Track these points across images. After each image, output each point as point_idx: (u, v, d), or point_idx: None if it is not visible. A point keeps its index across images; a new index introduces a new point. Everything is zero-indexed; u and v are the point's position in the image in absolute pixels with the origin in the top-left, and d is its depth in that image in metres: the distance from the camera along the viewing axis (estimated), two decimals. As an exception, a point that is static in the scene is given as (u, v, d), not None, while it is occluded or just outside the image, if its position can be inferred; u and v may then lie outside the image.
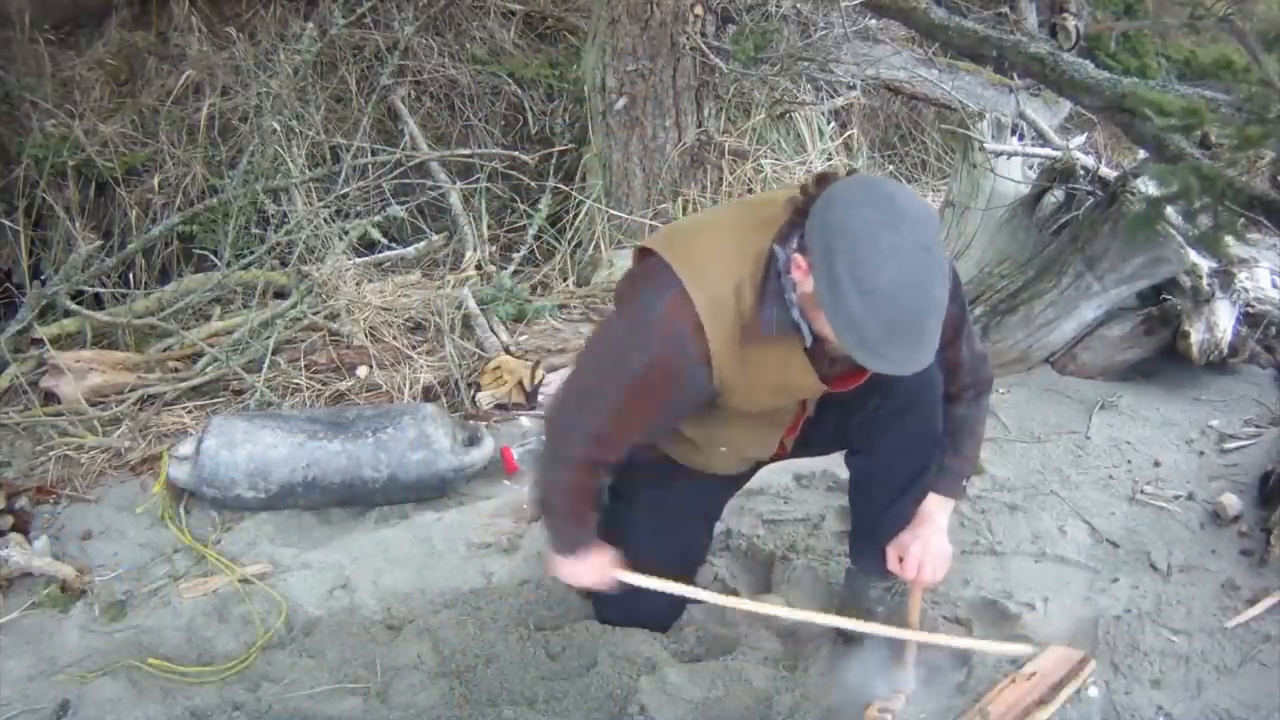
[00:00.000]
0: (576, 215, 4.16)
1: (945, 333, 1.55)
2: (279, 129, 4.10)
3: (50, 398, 3.04)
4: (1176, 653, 2.03)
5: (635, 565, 1.95)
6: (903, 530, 1.94)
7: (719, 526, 2.32)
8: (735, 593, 2.29)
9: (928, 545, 1.90)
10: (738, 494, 2.26)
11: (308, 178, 4.02)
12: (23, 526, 2.48)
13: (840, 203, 1.44)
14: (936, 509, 1.93)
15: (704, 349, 1.60)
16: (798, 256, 1.50)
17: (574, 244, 4.17)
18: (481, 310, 3.56)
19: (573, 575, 1.94)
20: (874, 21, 4.50)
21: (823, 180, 1.54)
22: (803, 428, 1.92)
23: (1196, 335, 3.14)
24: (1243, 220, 2.33)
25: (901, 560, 1.92)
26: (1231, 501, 2.52)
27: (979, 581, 2.29)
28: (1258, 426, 2.94)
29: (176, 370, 3.28)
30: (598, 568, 1.91)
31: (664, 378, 1.64)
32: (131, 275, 3.87)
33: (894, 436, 1.89)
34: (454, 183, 4.26)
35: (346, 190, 3.94)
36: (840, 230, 1.41)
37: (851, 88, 4.74)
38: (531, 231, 4.15)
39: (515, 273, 3.97)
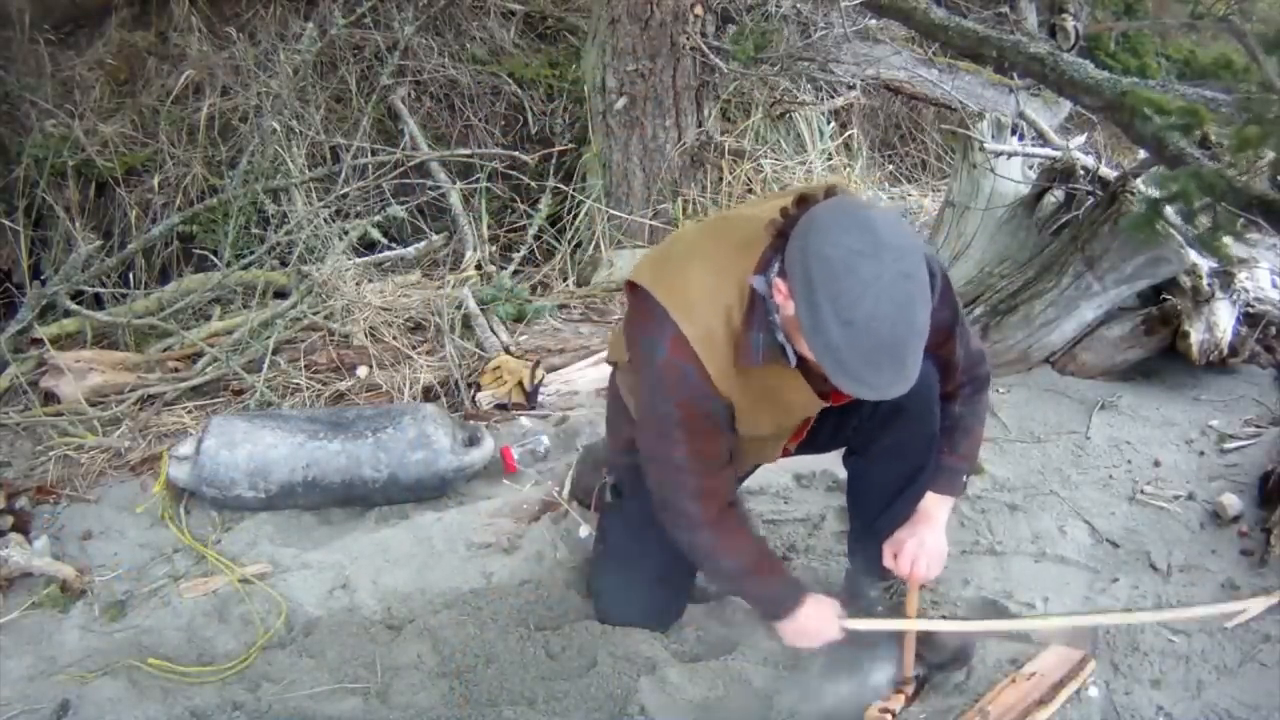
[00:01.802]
0: (576, 215, 4.16)
1: (937, 334, 1.57)
2: (279, 129, 4.10)
3: (50, 398, 3.04)
4: (1176, 653, 2.03)
5: (635, 564, 1.94)
6: (900, 528, 1.94)
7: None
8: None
9: (923, 543, 1.90)
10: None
11: (308, 178, 4.02)
12: (23, 526, 2.48)
13: (820, 229, 1.44)
14: (934, 507, 1.93)
15: (710, 381, 1.64)
16: (778, 281, 1.51)
17: (574, 244, 4.17)
18: (481, 310, 3.56)
19: (801, 636, 1.87)
20: (874, 21, 4.50)
21: (802, 201, 1.54)
22: (805, 432, 1.93)
23: (1196, 335, 3.15)
24: (1242, 220, 2.33)
25: (897, 557, 1.92)
26: (1231, 501, 2.52)
27: (979, 581, 2.29)
28: (1258, 426, 2.95)
29: (176, 370, 3.29)
30: (822, 620, 1.85)
31: (698, 415, 1.68)
32: (131, 275, 3.86)
33: (890, 437, 1.89)
34: (454, 183, 4.26)
35: (346, 190, 3.94)
36: (819, 258, 1.41)
37: (851, 88, 4.75)
38: (531, 231, 4.16)
39: (515, 273, 3.97)
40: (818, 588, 2.26)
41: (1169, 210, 2.60)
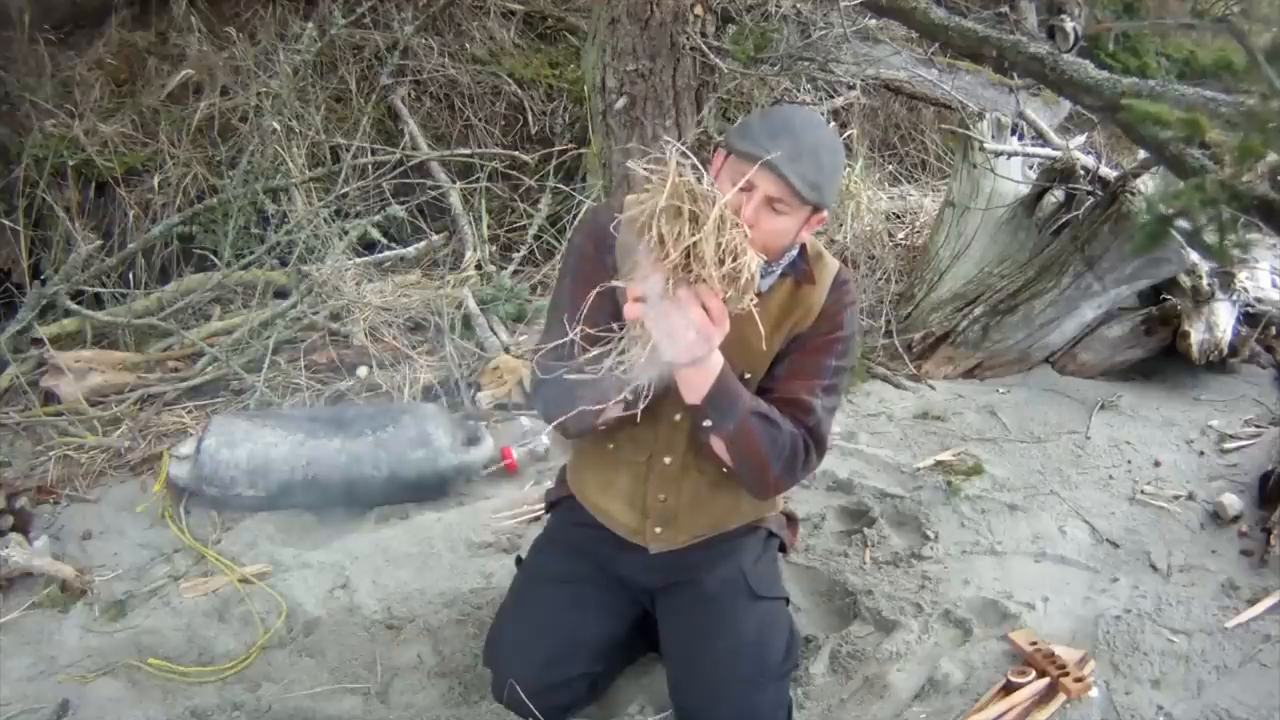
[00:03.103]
0: (576, 215, 4.15)
1: (818, 334, 1.70)
2: (279, 129, 4.09)
3: (50, 398, 3.04)
4: (1176, 653, 2.04)
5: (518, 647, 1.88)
6: None
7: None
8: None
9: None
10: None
11: (308, 178, 4.01)
12: (23, 526, 2.48)
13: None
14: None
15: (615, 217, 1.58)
16: (719, 153, 1.62)
17: (574, 244, 4.16)
18: (481, 310, 3.56)
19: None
20: (874, 21, 4.49)
21: None
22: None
23: (1196, 335, 3.15)
24: (1242, 221, 2.33)
25: None
26: (1231, 501, 2.53)
27: (979, 581, 2.29)
28: (1258, 426, 2.95)
29: (176, 370, 3.28)
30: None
31: (591, 236, 1.70)
32: (131, 275, 3.85)
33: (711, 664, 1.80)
34: (454, 183, 4.26)
35: (346, 190, 3.94)
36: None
37: (851, 88, 4.74)
38: (531, 231, 4.15)
39: (515, 273, 3.97)
40: (818, 587, 2.29)
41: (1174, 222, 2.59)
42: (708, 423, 1.65)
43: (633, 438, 1.78)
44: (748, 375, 1.71)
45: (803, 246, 1.74)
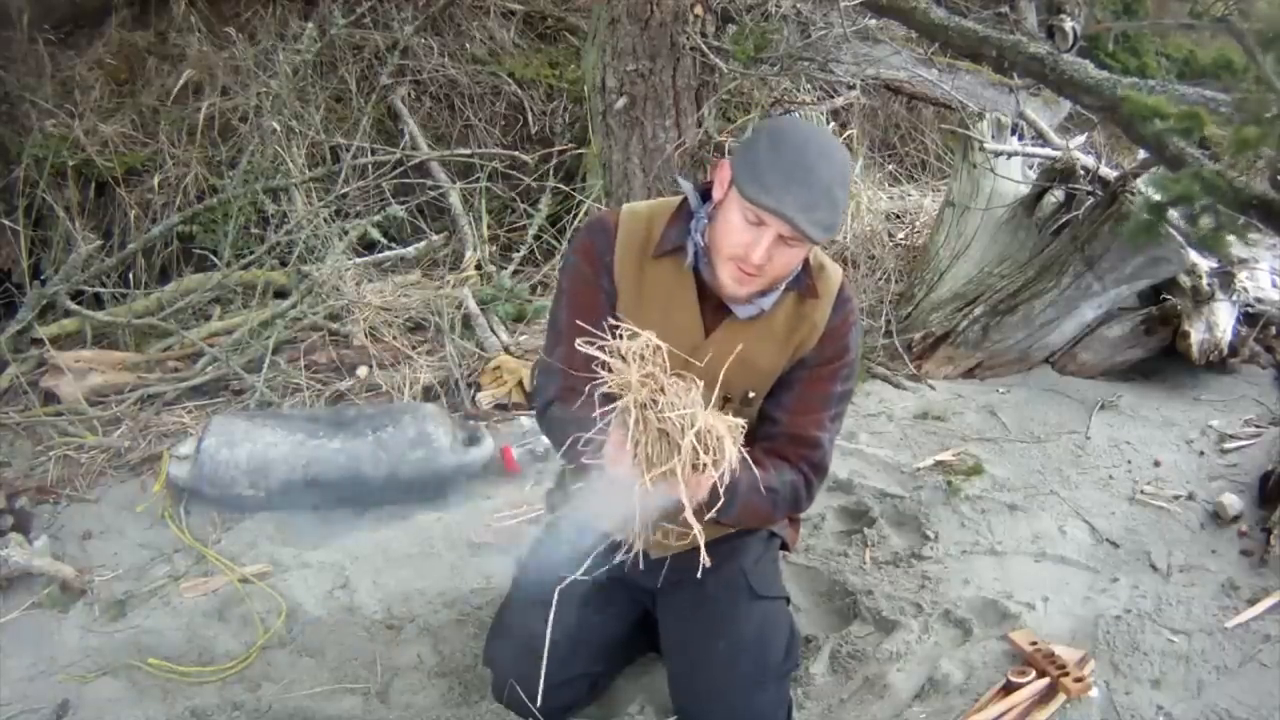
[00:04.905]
0: (576, 215, 4.16)
1: (822, 360, 1.70)
2: (279, 129, 4.09)
3: (50, 398, 3.04)
4: (1176, 653, 2.04)
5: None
6: None
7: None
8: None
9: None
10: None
11: (308, 178, 4.01)
12: (23, 526, 2.48)
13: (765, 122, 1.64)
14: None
15: (613, 235, 1.72)
16: (723, 163, 1.59)
17: (574, 244, 4.15)
18: (481, 310, 3.56)
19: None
20: (874, 21, 4.49)
21: None
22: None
23: (1196, 335, 3.15)
24: (1243, 220, 2.33)
25: None
26: (1231, 501, 2.53)
27: (979, 581, 2.29)
28: (1258, 426, 2.95)
29: (176, 370, 3.28)
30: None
31: (590, 265, 1.73)
32: (131, 275, 3.85)
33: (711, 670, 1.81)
34: (454, 183, 4.26)
35: (346, 190, 3.94)
36: (766, 123, 1.64)
37: (851, 88, 4.74)
38: (531, 231, 4.15)
39: (515, 273, 3.97)
40: (818, 587, 2.29)
41: (1170, 211, 2.59)
42: (709, 515, 1.59)
43: None
44: (752, 394, 1.71)
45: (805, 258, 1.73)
